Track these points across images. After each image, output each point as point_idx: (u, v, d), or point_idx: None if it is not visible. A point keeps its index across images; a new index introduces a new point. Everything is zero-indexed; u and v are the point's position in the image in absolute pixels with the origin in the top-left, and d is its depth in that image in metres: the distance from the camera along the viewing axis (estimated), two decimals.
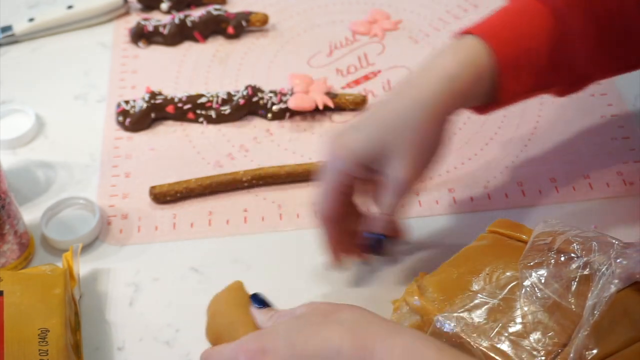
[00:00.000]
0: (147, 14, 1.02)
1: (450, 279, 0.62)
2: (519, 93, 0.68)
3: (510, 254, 0.63)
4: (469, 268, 0.63)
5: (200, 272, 0.75)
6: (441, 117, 0.65)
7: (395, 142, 0.64)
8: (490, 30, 0.66)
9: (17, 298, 0.64)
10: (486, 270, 0.62)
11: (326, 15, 1.02)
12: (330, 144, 0.67)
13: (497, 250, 0.64)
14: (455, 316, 0.59)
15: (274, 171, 0.81)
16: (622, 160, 0.82)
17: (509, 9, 0.69)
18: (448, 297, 0.61)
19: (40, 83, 0.94)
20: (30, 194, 0.82)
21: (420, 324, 0.61)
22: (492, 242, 0.66)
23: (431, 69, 0.66)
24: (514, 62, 0.66)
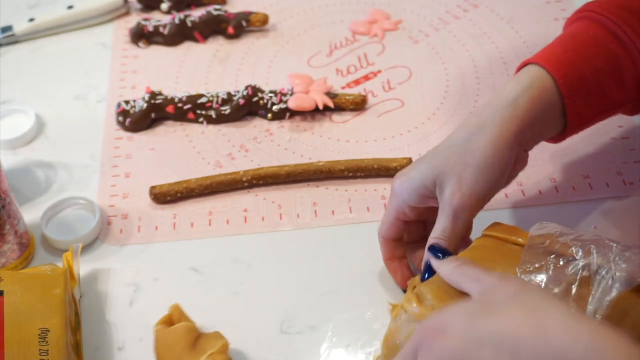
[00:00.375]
0: (147, 14, 1.02)
1: (448, 285, 0.61)
2: (588, 116, 0.68)
3: (507, 258, 0.62)
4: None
5: (200, 272, 0.75)
6: (502, 142, 0.64)
7: (451, 163, 0.64)
8: (549, 57, 0.66)
9: (18, 298, 0.64)
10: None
11: (326, 15, 1.02)
12: (398, 175, 0.69)
13: (494, 255, 0.63)
14: None
15: (274, 171, 0.81)
16: (622, 160, 0.82)
17: (566, 35, 0.69)
18: (448, 305, 0.59)
19: (40, 83, 0.94)
20: (30, 194, 0.82)
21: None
22: (489, 247, 0.65)
23: (493, 99, 0.66)
24: (578, 84, 0.65)
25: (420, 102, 0.90)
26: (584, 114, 0.67)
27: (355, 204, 0.80)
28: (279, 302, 0.72)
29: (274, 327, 0.70)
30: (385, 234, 0.70)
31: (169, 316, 0.67)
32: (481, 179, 0.64)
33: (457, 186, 0.64)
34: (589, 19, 0.69)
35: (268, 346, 0.69)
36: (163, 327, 0.66)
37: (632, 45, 0.67)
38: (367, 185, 0.82)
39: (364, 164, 0.81)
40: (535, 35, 0.98)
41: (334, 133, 0.87)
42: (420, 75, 0.93)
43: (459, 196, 0.64)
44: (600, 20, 0.68)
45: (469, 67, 0.94)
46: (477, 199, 0.65)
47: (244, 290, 0.73)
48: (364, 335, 0.69)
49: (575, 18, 0.71)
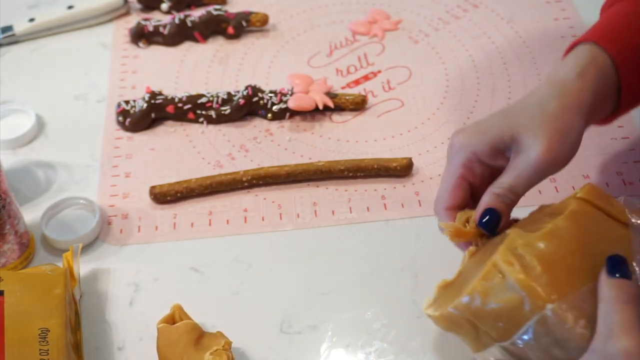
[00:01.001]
0: (147, 14, 1.02)
1: (554, 257, 0.55)
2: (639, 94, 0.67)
3: (615, 240, 0.57)
4: (572, 247, 0.56)
5: (200, 272, 0.75)
6: (578, 111, 0.62)
7: (529, 122, 0.61)
8: (602, 34, 0.65)
9: (18, 298, 0.64)
10: (596, 259, 0.55)
11: (326, 15, 1.02)
12: (459, 131, 0.65)
13: (600, 232, 0.57)
14: (571, 309, 0.53)
15: (274, 171, 0.81)
16: (622, 160, 0.83)
17: (615, 14, 0.68)
18: (558, 284, 0.53)
19: (40, 83, 0.94)
20: (30, 194, 0.82)
21: (518, 303, 0.54)
22: (591, 220, 0.58)
23: (557, 73, 0.64)
24: (634, 61, 0.64)
25: (420, 102, 0.90)
26: (636, 92, 0.66)
27: (355, 204, 0.80)
28: (279, 302, 0.72)
29: (274, 327, 0.70)
30: (449, 202, 0.64)
31: (170, 315, 0.67)
32: (567, 142, 0.61)
33: (546, 145, 0.60)
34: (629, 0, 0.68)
35: (268, 346, 0.69)
36: (166, 325, 0.66)
37: None
38: (367, 185, 0.82)
39: (364, 164, 0.81)
40: (535, 35, 0.98)
41: (334, 133, 0.87)
42: (420, 75, 0.93)
43: (548, 156, 0.60)
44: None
45: (469, 67, 0.94)
46: (560, 163, 0.62)
47: (244, 290, 0.73)
48: (364, 335, 0.69)
49: (613, 1, 0.70)
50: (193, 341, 0.64)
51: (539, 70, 0.93)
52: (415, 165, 0.82)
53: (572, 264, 0.55)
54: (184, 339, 0.64)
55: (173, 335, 0.65)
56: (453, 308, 0.57)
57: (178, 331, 0.65)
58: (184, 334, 0.65)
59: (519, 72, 0.93)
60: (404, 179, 0.82)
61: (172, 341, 0.65)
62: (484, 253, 0.61)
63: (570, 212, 0.58)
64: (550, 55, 0.95)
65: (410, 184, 0.81)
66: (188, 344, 0.64)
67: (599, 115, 0.67)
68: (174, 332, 0.65)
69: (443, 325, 0.59)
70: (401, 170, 0.81)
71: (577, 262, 0.55)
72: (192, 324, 0.66)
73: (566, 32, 0.98)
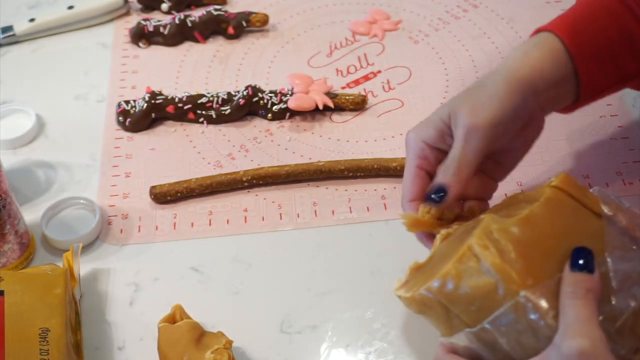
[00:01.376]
0: (147, 14, 1.02)
1: (528, 242, 0.54)
2: (602, 86, 0.68)
3: (587, 229, 0.57)
4: (547, 234, 0.56)
5: (200, 272, 0.75)
6: (514, 82, 0.63)
7: (464, 98, 0.64)
8: (560, 24, 0.66)
9: (18, 298, 0.64)
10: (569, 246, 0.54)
11: (326, 15, 1.02)
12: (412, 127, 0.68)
13: (573, 221, 0.57)
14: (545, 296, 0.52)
15: (274, 171, 0.81)
16: (622, 160, 0.83)
17: (579, 5, 0.69)
18: (532, 271, 0.53)
19: (40, 83, 0.94)
20: (30, 193, 0.82)
21: (491, 287, 0.53)
22: (564, 207, 0.58)
23: (506, 59, 0.66)
24: (590, 52, 0.65)
25: (420, 102, 0.90)
26: (597, 82, 0.67)
27: (355, 204, 0.80)
28: (279, 302, 0.72)
29: (274, 327, 0.70)
30: (410, 194, 0.66)
31: (171, 315, 0.67)
32: (495, 105, 0.63)
33: (470, 109, 0.63)
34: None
35: (268, 346, 0.69)
36: (167, 324, 0.66)
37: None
38: (367, 185, 0.82)
39: (364, 164, 0.81)
40: None
41: (334, 133, 0.87)
42: (420, 75, 0.94)
43: (472, 116, 0.63)
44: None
45: (469, 67, 0.94)
46: (490, 124, 0.63)
47: (244, 290, 0.73)
48: (364, 335, 0.69)
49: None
50: (194, 340, 0.64)
51: None
52: None
53: (547, 251, 0.55)
54: (185, 338, 0.64)
55: (174, 335, 0.65)
56: (426, 290, 0.57)
57: (179, 330, 0.65)
58: (185, 333, 0.65)
59: None
60: None
61: (173, 340, 0.65)
62: (457, 237, 0.61)
63: (546, 199, 0.58)
64: None
65: None
66: (189, 343, 0.64)
67: (557, 103, 0.68)
68: (175, 331, 0.65)
69: (414, 308, 0.59)
70: (401, 170, 0.81)
71: (551, 249, 0.55)
72: (193, 323, 0.66)
73: None
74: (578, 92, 0.67)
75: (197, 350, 0.64)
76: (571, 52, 0.65)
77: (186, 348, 0.64)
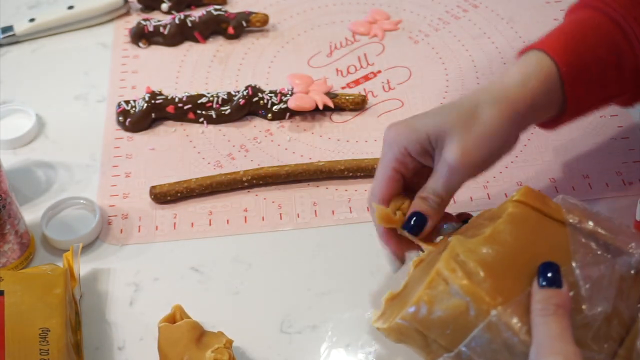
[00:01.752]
0: (147, 14, 1.02)
1: (495, 260, 0.55)
2: (587, 104, 0.68)
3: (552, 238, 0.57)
4: (512, 250, 0.56)
5: (200, 272, 0.75)
6: (508, 119, 0.63)
7: (456, 124, 0.63)
8: (553, 43, 0.66)
9: (18, 298, 0.64)
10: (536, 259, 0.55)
11: (326, 15, 1.02)
12: (392, 125, 0.67)
13: (538, 232, 0.58)
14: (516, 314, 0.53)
15: (274, 171, 0.81)
16: (622, 160, 0.83)
17: (570, 23, 0.69)
18: (501, 289, 0.53)
19: (40, 83, 0.94)
20: (30, 193, 0.82)
21: (463, 309, 0.54)
22: (528, 219, 0.59)
23: (501, 79, 0.65)
24: (580, 72, 0.65)
25: (420, 102, 0.90)
26: (583, 102, 0.67)
27: (355, 204, 0.80)
28: (279, 302, 0.72)
29: (274, 327, 0.70)
30: (382, 193, 0.66)
31: (171, 315, 0.67)
32: (483, 145, 0.63)
33: (458, 145, 0.62)
34: (592, 8, 0.69)
35: (268, 346, 0.69)
36: (167, 324, 0.66)
37: (633, 37, 0.66)
38: (367, 185, 0.81)
39: (364, 164, 0.81)
40: (535, 35, 0.97)
41: (334, 133, 0.87)
42: (420, 75, 0.94)
43: (459, 155, 0.62)
44: (604, 9, 0.67)
45: (469, 67, 0.94)
46: (475, 164, 0.63)
47: (244, 290, 0.73)
48: (364, 335, 0.69)
49: (579, 6, 0.71)
50: (194, 340, 0.64)
51: None
52: None
53: (514, 266, 0.55)
54: (186, 338, 0.64)
55: (174, 334, 0.65)
56: (401, 319, 0.57)
57: (179, 330, 0.65)
58: (185, 333, 0.65)
59: None
60: None
61: (173, 340, 0.65)
62: (428, 263, 0.61)
63: (508, 215, 0.58)
64: None
65: None
66: (189, 342, 0.64)
67: (539, 120, 0.68)
68: (175, 331, 0.65)
69: (393, 338, 0.59)
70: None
71: (519, 265, 0.55)
72: (193, 322, 0.66)
73: None
74: (562, 112, 0.67)
75: (197, 349, 0.64)
76: (563, 76, 0.65)
77: (186, 347, 0.64)
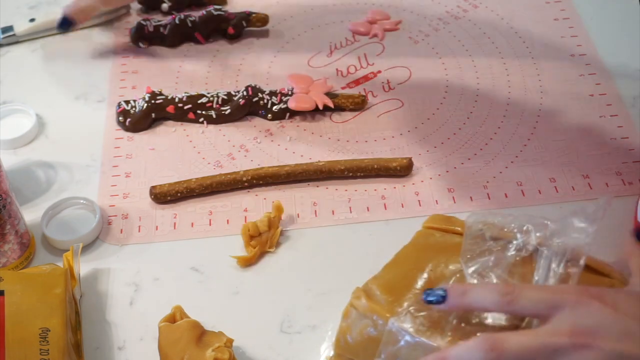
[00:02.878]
0: (147, 15, 1.02)
1: (395, 279, 0.62)
2: None
3: (449, 248, 0.63)
4: (411, 266, 0.63)
5: (200, 272, 0.75)
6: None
7: None
8: None
9: (18, 298, 0.64)
10: (429, 266, 0.62)
11: (326, 15, 1.02)
12: None
13: (437, 246, 0.65)
14: (409, 317, 0.58)
15: (274, 171, 0.81)
16: (622, 160, 0.83)
17: None
18: (396, 298, 0.60)
19: (41, 83, 0.94)
20: (31, 193, 0.82)
21: (370, 327, 0.61)
22: (430, 238, 0.66)
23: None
24: None
25: (420, 102, 0.90)
26: None
27: (355, 204, 0.80)
28: (279, 302, 0.72)
29: (274, 326, 0.70)
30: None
31: (171, 315, 0.67)
32: None
33: None
34: None
35: (268, 346, 0.69)
36: (167, 323, 0.66)
37: None
38: (367, 185, 0.82)
39: (364, 164, 0.81)
40: (535, 35, 0.98)
41: (334, 133, 0.87)
42: (420, 75, 0.94)
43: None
44: None
45: (469, 67, 0.94)
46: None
47: (244, 290, 0.73)
48: None
49: None
50: (195, 339, 0.64)
51: (539, 70, 0.93)
52: (415, 165, 0.82)
53: (410, 281, 0.61)
54: (186, 337, 0.64)
55: (175, 333, 0.65)
56: (334, 351, 0.65)
57: (179, 329, 0.65)
58: (186, 332, 0.65)
59: (518, 72, 0.93)
60: (404, 179, 0.82)
61: (173, 339, 0.65)
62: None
63: (413, 239, 0.67)
64: (550, 55, 0.95)
65: (410, 184, 0.81)
66: (190, 341, 0.64)
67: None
68: (175, 330, 0.65)
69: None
70: (401, 170, 0.81)
71: (414, 278, 0.62)
72: (193, 322, 0.66)
73: (566, 32, 0.98)
74: None
75: (197, 348, 0.64)
76: None
77: (187, 347, 0.64)
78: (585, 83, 0.91)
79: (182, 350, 0.63)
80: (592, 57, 0.94)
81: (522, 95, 0.90)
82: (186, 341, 0.64)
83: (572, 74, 0.92)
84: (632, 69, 0.92)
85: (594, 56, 0.94)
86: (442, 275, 0.61)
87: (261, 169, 0.82)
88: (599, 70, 0.93)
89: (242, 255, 0.75)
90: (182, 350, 0.63)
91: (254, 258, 0.75)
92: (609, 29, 0.98)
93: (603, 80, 0.91)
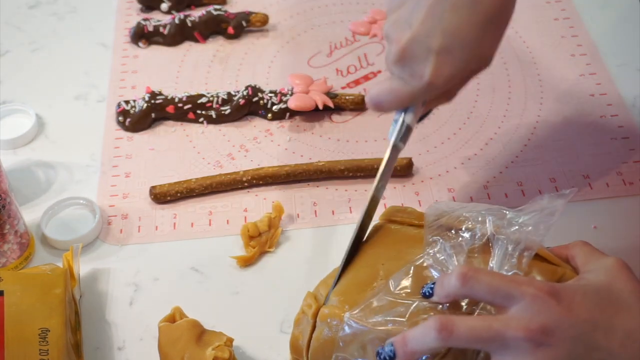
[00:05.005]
0: (147, 14, 1.02)
1: (346, 280, 0.62)
2: None
3: (402, 241, 0.63)
4: (362, 264, 0.63)
5: (200, 272, 0.75)
6: (482, 17, 0.62)
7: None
8: None
9: (18, 298, 0.64)
10: (381, 261, 0.62)
11: (326, 15, 1.02)
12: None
13: (389, 240, 0.64)
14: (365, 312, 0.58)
15: (274, 171, 0.81)
16: (622, 160, 0.83)
17: None
18: (348, 298, 0.60)
19: (40, 83, 0.94)
20: (30, 193, 0.82)
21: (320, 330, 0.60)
22: (383, 232, 0.66)
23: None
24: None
25: None
26: None
27: (355, 204, 0.80)
28: (279, 302, 0.72)
29: (274, 327, 0.70)
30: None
31: (171, 315, 0.67)
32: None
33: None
34: None
35: (268, 346, 0.69)
36: (167, 323, 0.66)
37: None
38: (367, 185, 0.82)
39: (364, 164, 0.81)
40: (535, 35, 0.98)
41: (334, 133, 0.87)
42: None
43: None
44: None
45: None
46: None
47: (244, 290, 0.73)
48: None
49: None
50: (195, 338, 0.64)
51: (539, 70, 0.93)
52: (415, 165, 0.82)
53: (361, 278, 0.61)
54: (186, 336, 0.64)
55: (175, 333, 0.65)
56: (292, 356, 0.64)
57: (179, 329, 0.65)
58: (186, 331, 0.65)
59: (519, 72, 0.93)
60: (404, 179, 0.82)
61: (173, 339, 0.65)
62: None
63: (368, 236, 0.66)
64: (550, 55, 0.95)
65: (410, 184, 0.81)
66: (190, 341, 0.64)
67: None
68: (175, 330, 0.65)
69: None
70: (401, 170, 0.81)
71: (366, 275, 0.61)
72: (193, 321, 0.66)
73: (566, 32, 0.98)
74: None
75: (197, 347, 0.64)
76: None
77: (187, 346, 0.64)
78: (586, 83, 0.91)
79: (182, 350, 0.63)
80: (592, 57, 0.94)
81: (522, 95, 0.90)
82: (186, 340, 0.64)
83: (573, 74, 0.92)
84: (632, 69, 0.92)
85: (594, 56, 0.94)
86: (395, 268, 0.60)
87: (261, 169, 0.82)
88: (600, 70, 0.93)
89: (242, 255, 0.75)
90: (182, 350, 0.63)
91: (253, 258, 0.75)
92: (609, 29, 0.98)
93: (603, 80, 0.91)
